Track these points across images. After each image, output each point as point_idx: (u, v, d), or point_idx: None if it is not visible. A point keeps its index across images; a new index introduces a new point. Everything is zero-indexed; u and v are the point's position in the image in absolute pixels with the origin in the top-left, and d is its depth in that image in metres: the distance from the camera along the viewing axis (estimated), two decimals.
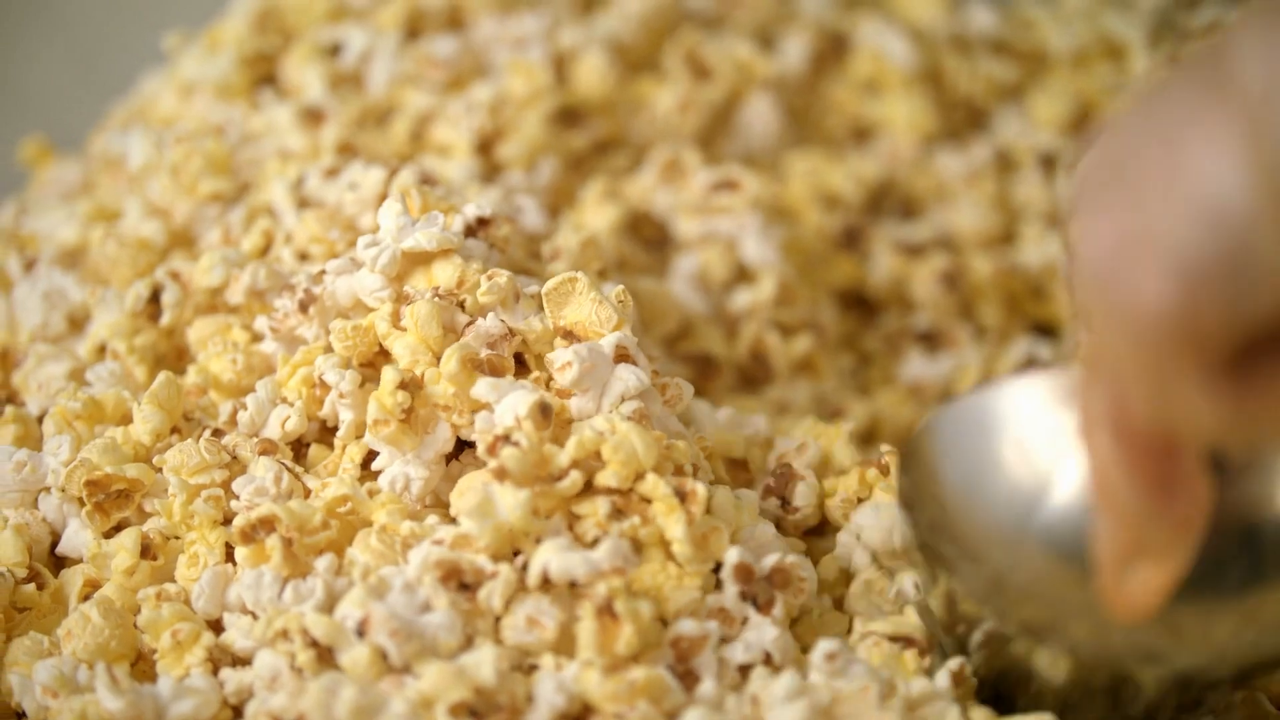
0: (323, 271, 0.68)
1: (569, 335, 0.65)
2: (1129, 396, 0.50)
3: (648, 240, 0.86)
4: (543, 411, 0.62)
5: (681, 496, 0.61)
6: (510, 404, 0.62)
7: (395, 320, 0.66)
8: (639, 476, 0.61)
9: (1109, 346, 0.49)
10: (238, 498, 0.66)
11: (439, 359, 0.65)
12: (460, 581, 0.60)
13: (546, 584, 0.60)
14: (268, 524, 0.62)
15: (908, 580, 0.65)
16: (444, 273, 0.67)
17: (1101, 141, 0.49)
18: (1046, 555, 0.59)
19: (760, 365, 0.83)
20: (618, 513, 0.61)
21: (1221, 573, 0.56)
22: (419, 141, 0.85)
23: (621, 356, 0.64)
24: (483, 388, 0.63)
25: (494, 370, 0.64)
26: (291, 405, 0.68)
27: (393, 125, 0.86)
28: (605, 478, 0.61)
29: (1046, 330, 0.90)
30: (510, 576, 0.60)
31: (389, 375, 0.64)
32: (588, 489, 0.62)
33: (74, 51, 1.11)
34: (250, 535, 0.63)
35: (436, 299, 0.65)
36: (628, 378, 0.64)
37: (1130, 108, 0.49)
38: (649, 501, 0.62)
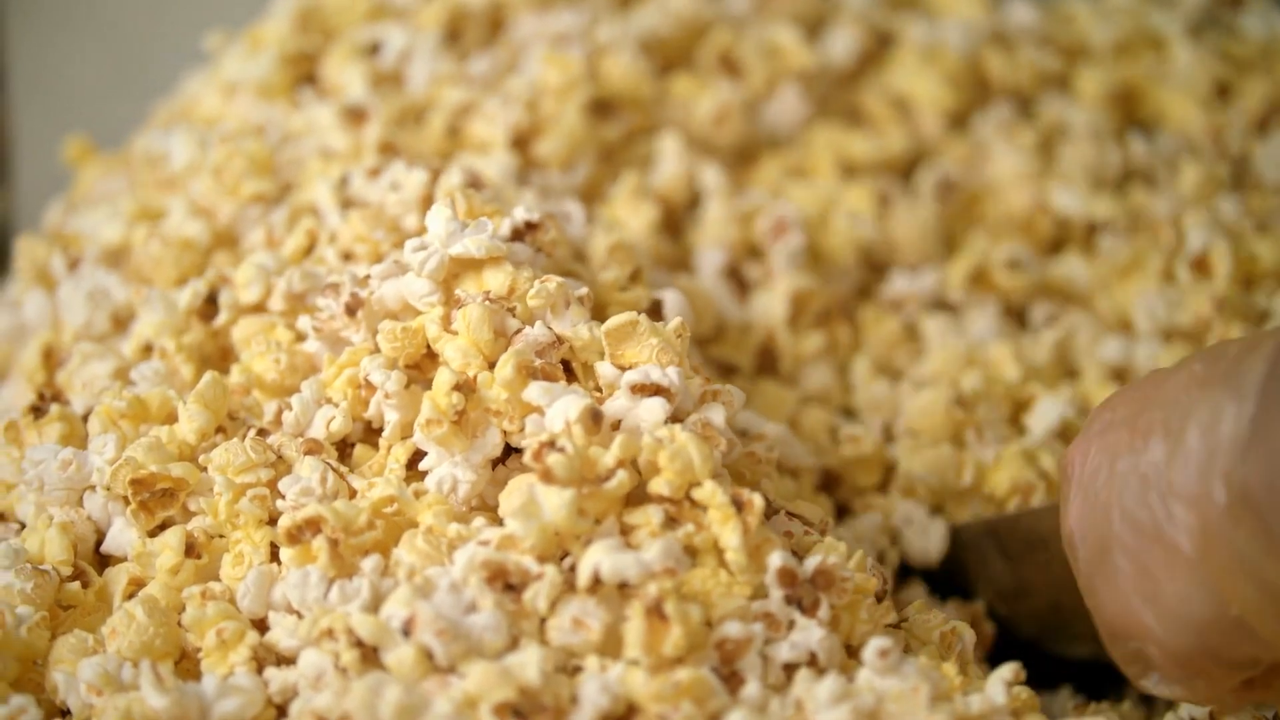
0: (368, 276, 0.68)
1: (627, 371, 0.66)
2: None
3: (676, 231, 0.86)
4: (593, 417, 0.62)
5: (739, 505, 0.61)
6: (561, 408, 0.62)
7: (446, 323, 0.66)
8: (693, 485, 0.62)
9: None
10: (283, 497, 0.66)
11: (490, 363, 0.65)
12: (506, 582, 0.60)
13: (596, 585, 0.60)
14: (314, 525, 0.63)
15: None
16: (495, 279, 0.67)
17: (1087, 512, 0.62)
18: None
19: (773, 358, 0.84)
20: (671, 521, 0.61)
21: None
22: (455, 137, 0.86)
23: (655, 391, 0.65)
24: (535, 391, 0.63)
25: (547, 378, 0.64)
26: (336, 406, 0.68)
27: (430, 121, 0.86)
28: (659, 485, 0.61)
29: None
30: (556, 578, 0.60)
31: (444, 376, 0.64)
32: (640, 498, 0.62)
33: (115, 51, 1.11)
34: (296, 536, 0.63)
35: (487, 303, 0.65)
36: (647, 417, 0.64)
37: (1093, 509, 0.62)
38: (703, 509, 0.61)
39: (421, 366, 0.67)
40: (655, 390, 0.64)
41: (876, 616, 0.63)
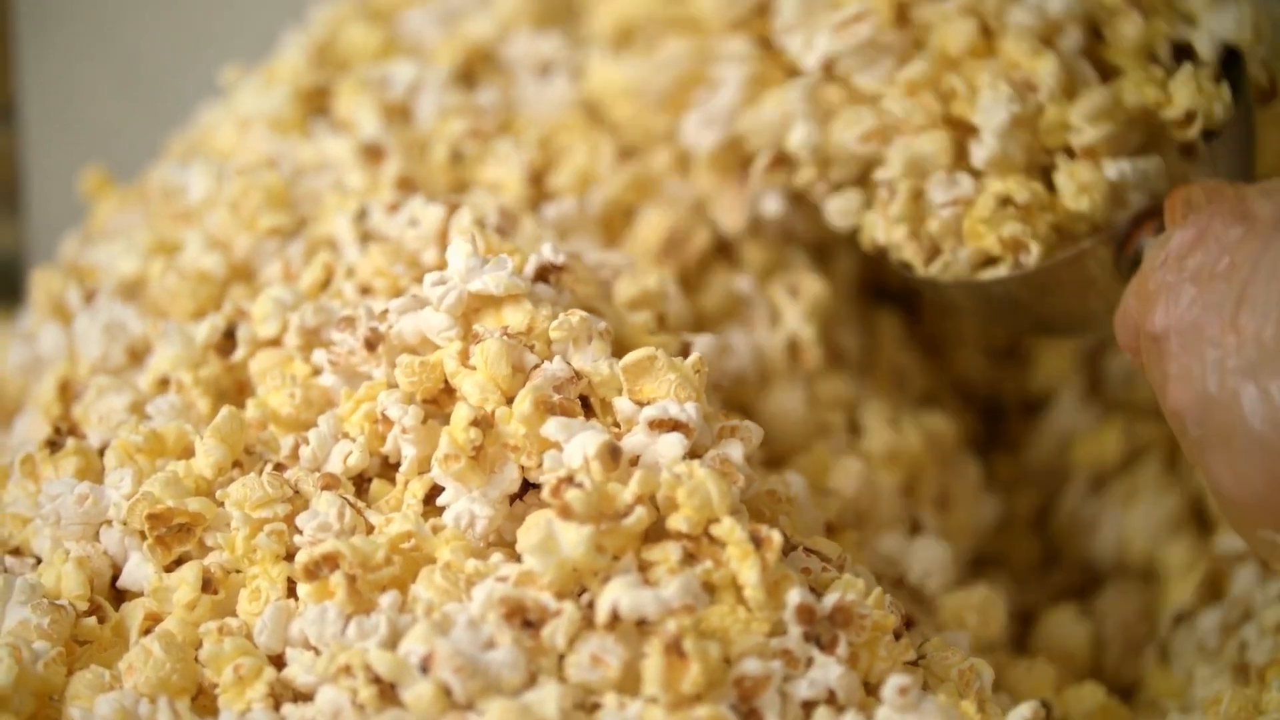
0: (386, 310, 0.68)
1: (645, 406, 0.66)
2: None
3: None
4: (611, 453, 0.62)
5: (757, 542, 0.61)
6: (579, 444, 0.62)
7: (464, 358, 0.66)
8: (711, 521, 0.61)
9: None
10: (300, 532, 0.66)
11: (508, 398, 0.65)
12: (524, 619, 0.60)
13: (614, 622, 0.59)
14: (331, 561, 0.62)
15: None
16: (513, 317, 0.67)
17: (1192, 399, 0.64)
18: None
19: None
20: (689, 557, 0.61)
21: None
22: (463, 168, 0.85)
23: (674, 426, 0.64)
24: (553, 427, 0.63)
25: (565, 414, 0.64)
26: (354, 440, 0.68)
27: (437, 154, 0.85)
28: (677, 521, 0.61)
29: None
30: (574, 614, 0.60)
31: (462, 411, 0.64)
32: (658, 534, 0.62)
33: (129, 84, 1.11)
34: (314, 572, 0.62)
35: (505, 338, 0.66)
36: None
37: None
38: (722, 546, 0.61)
39: (439, 401, 0.67)
40: (673, 426, 0.64)
41: (895, 654, 0.63)
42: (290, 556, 0.65)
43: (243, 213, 0.80)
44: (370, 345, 0.68)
